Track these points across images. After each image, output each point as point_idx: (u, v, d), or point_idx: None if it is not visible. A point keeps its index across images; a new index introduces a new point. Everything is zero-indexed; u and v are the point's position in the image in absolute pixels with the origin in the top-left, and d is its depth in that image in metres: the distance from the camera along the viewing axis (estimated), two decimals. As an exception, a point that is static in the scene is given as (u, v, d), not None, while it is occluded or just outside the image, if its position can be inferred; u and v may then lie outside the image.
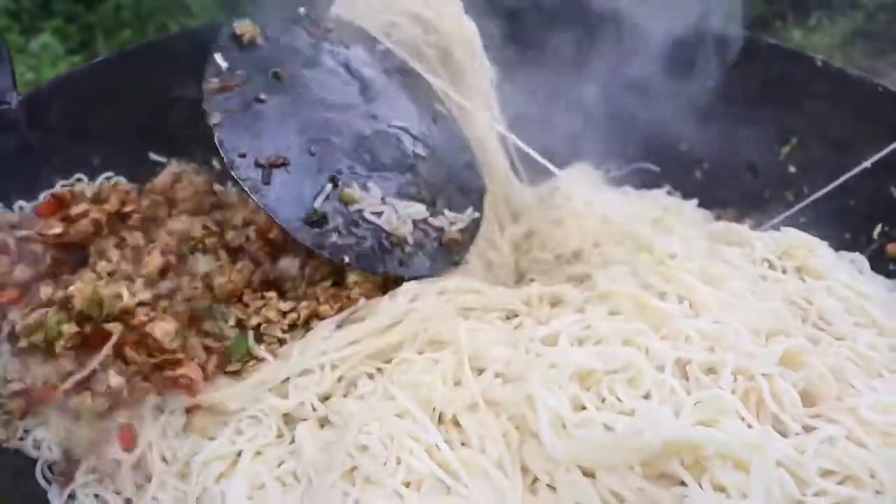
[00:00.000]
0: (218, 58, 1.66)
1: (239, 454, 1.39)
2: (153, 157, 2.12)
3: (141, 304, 1.45)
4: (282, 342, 1.52)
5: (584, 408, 1.25)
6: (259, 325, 1.53)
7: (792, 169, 2.21)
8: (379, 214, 1.58)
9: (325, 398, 1.44)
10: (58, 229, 1.56)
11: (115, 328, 1.37)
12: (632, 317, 1.44)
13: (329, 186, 1.57)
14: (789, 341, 1.38)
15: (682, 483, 1.19)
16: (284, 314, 1.55)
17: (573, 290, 1.60)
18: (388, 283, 1.61)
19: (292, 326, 1.55)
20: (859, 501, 1.18)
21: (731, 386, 1.29)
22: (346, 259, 1.53)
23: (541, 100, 2.37)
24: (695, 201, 2.19)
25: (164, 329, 1.40)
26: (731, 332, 1.39)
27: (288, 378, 1.46)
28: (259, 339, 1.53)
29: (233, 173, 1.53)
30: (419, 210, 1.64)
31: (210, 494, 1.34)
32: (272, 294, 1.58)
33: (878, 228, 1.97)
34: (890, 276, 1.88)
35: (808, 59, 2.19)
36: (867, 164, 2.01)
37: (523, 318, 1.53)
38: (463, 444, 1.26)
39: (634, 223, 1.82)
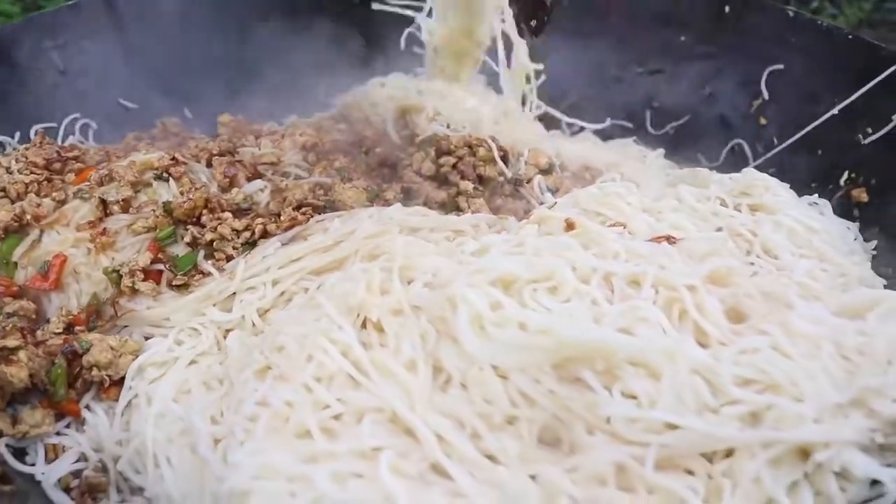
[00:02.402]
0: None
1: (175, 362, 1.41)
2: (122, 102, 2.17)
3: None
4: (229, 259, 1.54)
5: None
6: (212, 241, 1.54)
7: (763, 121, 2.18)
8: None
9: (265, 312, 1.46)
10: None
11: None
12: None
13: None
14: (719, 260, 1.35)
15: (598, 390, 1.17)
16: (238, 232, 1.56)
17: (515, 220, 1.60)
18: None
19: (245, 244, 1.56)
20: (777, 408, 1.15)
21: (653, 297, 1.27)
22: None
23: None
24: (661, 151, 2.17)
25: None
26: (661, 252, 1.37)
27: (234, 293, 1.48)
28: (210, 255, 1.55)
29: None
30: None
31: (139, 398, 1.36)
32: (227, 214, 1.59)
33: (845, 176, 1.94)
34: (855, 221, 1.85)
35: (780, 10, 2.16)
36: (835, 111, 1.99)
37: (466, 239, 1.52)
38: (382, 346, 1.26)
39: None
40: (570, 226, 1.47)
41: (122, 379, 1.40)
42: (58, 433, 1.39)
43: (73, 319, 1.46)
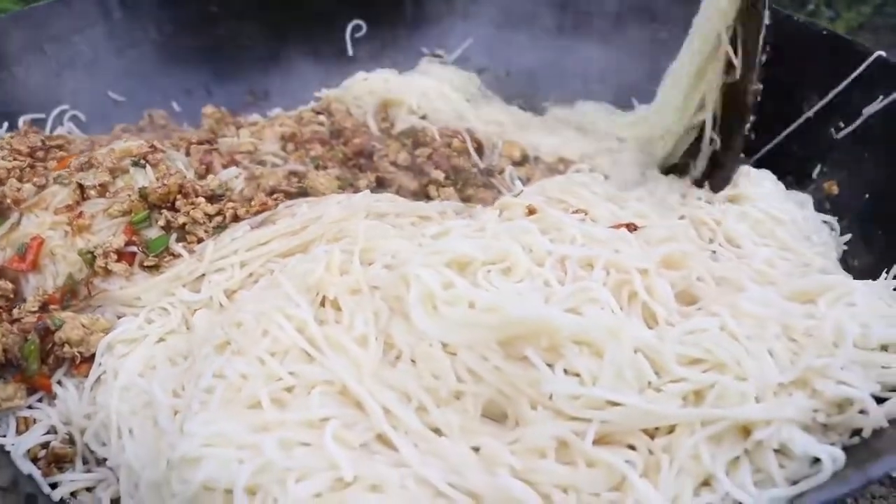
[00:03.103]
0: None
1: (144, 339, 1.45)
2: (111, 94, 2.22)
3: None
4: (201, 242, 1.58)
5: (455, 289, 1.26)
6: (184, 224, 1.59)
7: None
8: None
9: (232, 293, 1.51)
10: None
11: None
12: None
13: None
14: (673, 245, 1.38)
15: (546, 367, 1.19)
16: (210, 217, 1.61)
17: (482, 208, 1.63)
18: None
19: (216, 228, 1.61)
20: (719, 386, 1.17)
21: (604, 279, 1.30)
22: None
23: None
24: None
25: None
26: (618, 237, 1.40)
27: (203, 275, 1.52)
28: (182, 238, 1.59)
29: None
30: None
31: (107, 373, 1.40)
32: (201, 199, 1.63)
33: (818, 169, 1.95)
34: (826, 213, 1.86)
35: (759, 7, 2.18)
36: (810, 113, 2.00)
37: (431, 224, 1.56)
38: (338, 323, 1.29)
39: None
40: (530, 211, 1.51)
41: (94, 356, 1.45)
42: (29, 407, 1.43)
43: (48, 299, 1.51)
